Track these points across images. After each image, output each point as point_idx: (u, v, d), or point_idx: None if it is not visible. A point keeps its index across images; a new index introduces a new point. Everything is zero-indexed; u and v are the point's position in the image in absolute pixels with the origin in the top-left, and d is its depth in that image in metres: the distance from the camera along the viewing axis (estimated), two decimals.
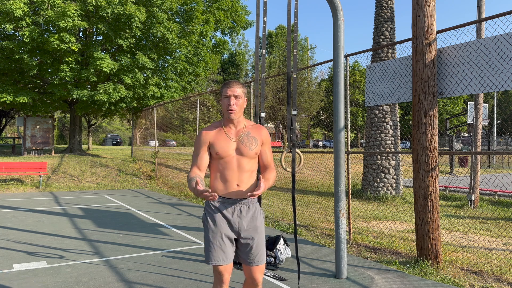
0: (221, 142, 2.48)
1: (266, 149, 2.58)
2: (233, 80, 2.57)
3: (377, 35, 11.50)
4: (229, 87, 2.46)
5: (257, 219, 2.52)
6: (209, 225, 2.49)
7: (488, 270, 4.51)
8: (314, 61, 53.03)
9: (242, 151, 2.47)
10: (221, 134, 2.51)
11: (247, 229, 2.49)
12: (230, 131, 2.52)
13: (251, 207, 2.52)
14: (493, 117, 29.11)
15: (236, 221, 2.47)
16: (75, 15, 14.96)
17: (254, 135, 2.52)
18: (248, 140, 2.49)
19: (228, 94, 2.46)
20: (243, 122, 2.56)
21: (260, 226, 2.53)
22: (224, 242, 2.45)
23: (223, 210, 2.48)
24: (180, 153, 22.30)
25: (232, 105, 2.45)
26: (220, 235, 2.45)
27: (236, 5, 21.96)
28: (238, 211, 2.48)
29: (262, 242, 2.53)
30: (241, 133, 2.52)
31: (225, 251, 2.44)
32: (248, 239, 2.49)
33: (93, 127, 46.28)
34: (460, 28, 4.69)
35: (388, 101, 5.61)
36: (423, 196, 4.75)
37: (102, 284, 3.96)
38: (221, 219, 2.48)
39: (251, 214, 2.51)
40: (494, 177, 17.27)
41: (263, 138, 2.56)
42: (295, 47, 4.09)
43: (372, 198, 11.04)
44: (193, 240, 5.92)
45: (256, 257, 2.50)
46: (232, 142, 2.49)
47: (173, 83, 18.91)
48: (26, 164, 12.41)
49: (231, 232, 2.49)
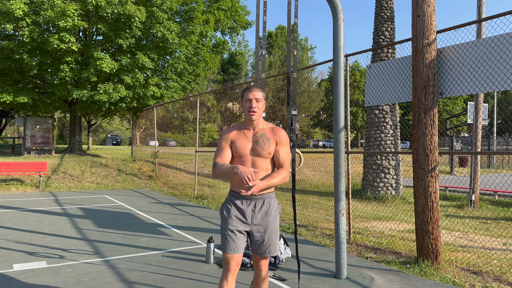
0: (240, 141, 2.73)
1: (280, 150, 2.73)
2: (254, 85, 2.82)
3: (377, 35, 11.50)
4: (251, 91, 2.71)
5: (270, 214, 2.70)
6: (224, 216, 2.73)
7: (488, 270, 4.51)
8: (314, 61, 53.04)
9: (256, 151, 2.69)
10: (240, 134, 2.76)
11: (260, 223, 2.69)
12: (248, 132, 2.76)
13: (266, 202, 2.71)
14: (493, 117, 29.11)
15: (250, 215, 2.68)
16: (75, 15, 14.96)
17: (269, 136, 2.73)
18: (263, 141, 2.70)
19: (250, 97, 2.70)
20: (262, 124, 2.78)
21: (272, 221, 2.71)
22: (235, 233, 2.67)
23: (239, 204, 2.70)
24: (180, 153, 22.30)
25: (254, 107, 2.68)
26: (233, 226, 2.67)
27: (236, 5, 21.96)
28: (252, 205, 2.69)
29: (274, 236, 2.72)
30: (258, 134, 2.74)
31: (236, 241, 2.66)
32: (260, 232, 2.70)
33: (93, 127, 46.30)
34: (460, 28, 4.69)
35: (388, 101, 5.61)
36: (423, 196, 4.75)
37: (102, 284, 3.96)
38: (236, 212, 2.70)
39: (264, 209, 2.70)
40: (494, 177, 17.27)
41: (277, 139, 2.73)
42: (295, 47, 4.09)
43: (372, 198, 11.04)
44: (193, 240, 5.92)
45: (268, 249, 2.71)
46: (249, 142, 2.72)
47: (173, 83, 18.91)
48: (26, 164, 12.41)
49: (244, 225, 2.69)
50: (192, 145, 43.95)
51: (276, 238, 2.73)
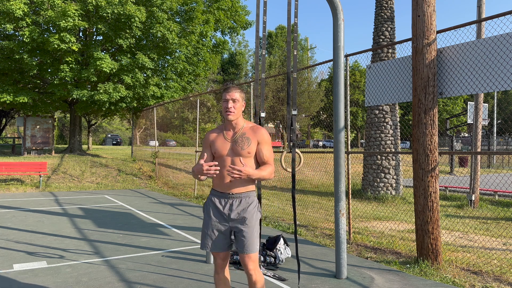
0: (219, 142, 2.77)
1: (262, 148, 2.76)
2: (232, 85, 2.83)
3: (377, 35, 11.50)
4: (228, 92, 2.74)
5: (247, 212, 2.73)
6: (205, 215, 2.82)
7: (488, 270, 4.51)
8: (314, 61, 53.01)
9: (235, 151, 2.72)
10: (220, 135, 2.80)
11: (236, 220, 2.73)
12: (228, 133, 2.79)
13: (243, 201, 2.74)
14: (493, 117, 29.11)
15: (227, 212, 2.73)
16: (75, 15, 14.96)
17: (248, 135, 2.75)
18: (242, 141, 2.73)
19: (226, 97, 2.74)
20: (242, 123, 2.80)
21: (250, 218, 2.73)
22: (213, 232, 2.76)
23: (216, 203, 2.77)
24: (180, 153, 22.29)
25: (230, 108, 2.72)
26: (211, 226, 2.76)
27: (236, 5, 21.96)
28: (229, 204, 2.74)
29: (252, 234, 2.74)
30: (237, 134, 2.76)
31: (213, 239, 2.76)
32: (238, 229, 2.74)
33: (93, 127, 46.28)
34: (460, 28, 4.69)
35: (388, 101, 5.61)
36: (423, 196, 4.75)
37: (102, 284, 3.96)
38: (215, 211, 2.77)
39: (241, 207, 2.73)
40: (494, 177, 17.27)
41: (259, 138, 2.76)
42: (295, 47, 4.09)
43: (372, 198, 11.04)
44: (193, 240, 5.92)
45: (245, 246, 2.72)
46: (227, 143, 2.76)
47: (173, 83, 18.91)
48: (26, 164, 12.41)
49: (223, 223, 2.75)
50: (192, 145, 43.95)
51: (253, 236, 2.73)
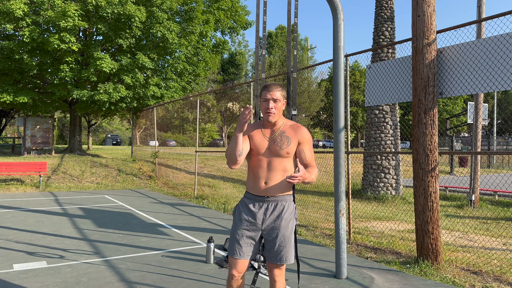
0: (257, 139, 2.56)
1: (303, 148, 2.56)
2: (273, 83, 2.60)
3: (377, 35, 11.50)
4: (269, 91, 2.52)
5: (283, 218, 2.51)
6: (235, 219, 2.60)
7: (488, 270, 4.51)
8: (314, 61, 53.00)
9: (273, 151, 2.52)
10: (258, 132, 2.59)
11: (271, 226, 2.52)
12: (266, 131, 2.59)
13: (279, 205, 2.52)
14: (493, 117, 29.11)
15: (261, 218, 2.52)
16: (75, 15, 14.96)
17: (288, 134, 2.54)
18: (281, 140, 2.52)
19: (267, 97, 2.52)
20: (281, 121, 2.60)
21: (285, 225, 2.51)
22: (243, 238, 2.53)
23: (251, 206, 2.55)
24: (180, 153, 22.29)
25: (271, 108, 2.51)
26: (241, 230, 2.53)
27: (236, 5, 21.96)
28: (264, 208, 2.52)
29: (288, 242, 2.52)
30: (276, 133, 2.56)
31: (242, 245, 2.52)
32: (271, 236, 2.52)
33: (93, 127, 46.29)
34: (460, 28, 4.69)
35: (388, 101, 5.61)
36: (423, 196, 4.75)
37: (102, 284, 3.96)
38: (247, 215, 2.55)
39: (277, 212, 2.52)
40: (494, 177, 17.27)
41: (300, 137, 2.55)
42: (295, 47, 4.09)
43: (372, 198, 11.03)
44: (193, 240, 5.92)
45: (279, 256, 2.51)
46: (265, 141, 2.55)
47: (173, 83, 18.91)
48: (26, 164, 12.41)
49: (255, 230, 2.53)
50: (192, 145, 43.94)
51: (290, 245, 2.53)
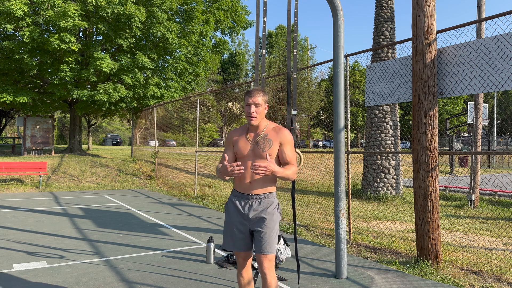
0: (241, 143, 2.77)
1: (284, 149, 2.75)
2: (256, 88, 2.79)
3: (377, 35, 11.50)
4: (251, 96, 2.71)
5: (267, 212, 2.73)
6: (226, 215, 2.86)
7: (488, 270, 4.51)
8: (314, 61, 52.99)
9: (257, 153, 2.72)
10: (243, 136, 2.80)
11: (255, 221, 2.74)
12: (250, 134, 2.79)
13: (263, 202, 2.74)
14: (493, 117, 29.10)
15: (247, 213, 2.75)
16: (75, 15, 14.95)
17: (270, 137, 2.73)
18: (263, 142, 2.72)
19: (249, 102, 2.71)
20: (264, 124, 2.78)
21: (269, 219, 2.73)
22: (234, 231, 2.79)
23: (237, 203, 2.79)
24: (180, 153, 22.29)
25: (253, 113, 2.70)
26: (231, 225, 2.80)
27: (236, 5, 21.95)
28: (249, 204, 2.75)
29: (271, 235, 2.73)
30: (260, 136, 2.76)
31: (234, 238, 2.79)
32: (256, 229, 2.75)
33: (93, 127, 46.29)
34: (460, 28, 4.69)
35: (388, 101, 5.61)
36: (423, 196, 4.75)
37: (102, 284, 3.96)
38: (235, 211, 2.79)
39: (261, 208, 2.74)
40: (494, 177, 17.26)
41: (281, 138, 2.74)
42: (295, 47, 4.09)
43: (372, 198, 11.03)
44: (193, 240, 5.92)
45: (263, 246, 2.71)
46: (249, 144, 2.75)
47: (173, 83, 18.91)
48: (26, 164, 12.41)
49: (243, 223, 2.78)
50: (192, 145, 43.94)
51: (272, 237, 2.73)
